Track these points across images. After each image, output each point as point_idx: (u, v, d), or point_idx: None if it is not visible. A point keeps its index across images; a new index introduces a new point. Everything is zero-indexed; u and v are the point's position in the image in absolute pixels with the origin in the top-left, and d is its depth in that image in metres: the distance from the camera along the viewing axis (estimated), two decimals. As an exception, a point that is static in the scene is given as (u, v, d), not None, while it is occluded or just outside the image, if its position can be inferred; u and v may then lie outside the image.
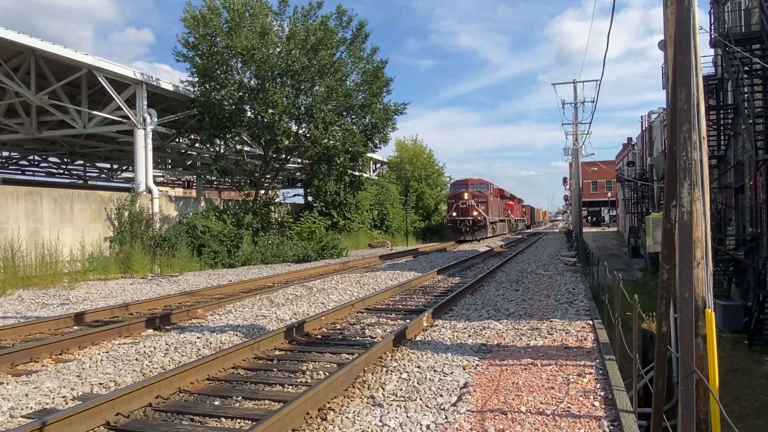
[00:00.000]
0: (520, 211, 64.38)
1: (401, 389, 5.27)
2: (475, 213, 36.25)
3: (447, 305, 9.95)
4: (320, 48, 22.28)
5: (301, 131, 24.66)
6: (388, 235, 36.92)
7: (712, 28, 16.35)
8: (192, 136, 26.40)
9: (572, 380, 5.40)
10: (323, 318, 8.55)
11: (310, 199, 32.35)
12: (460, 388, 5.27)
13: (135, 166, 20.60)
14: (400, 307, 10.30)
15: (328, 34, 22.50)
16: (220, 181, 39.89)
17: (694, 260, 4.31)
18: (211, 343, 7.26)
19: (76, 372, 6.00)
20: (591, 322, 8.21)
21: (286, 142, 24.06)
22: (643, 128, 41.15)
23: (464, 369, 5.92)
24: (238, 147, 26.46)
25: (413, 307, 10.16)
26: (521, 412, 4.60)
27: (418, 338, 7.57)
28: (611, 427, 4.24)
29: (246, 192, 28.69)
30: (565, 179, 65.50)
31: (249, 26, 21.27)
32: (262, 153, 25.76)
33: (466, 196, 36.73)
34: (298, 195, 38.64)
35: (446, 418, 4.50)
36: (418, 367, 6.04)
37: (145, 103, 20.47)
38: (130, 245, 17.59)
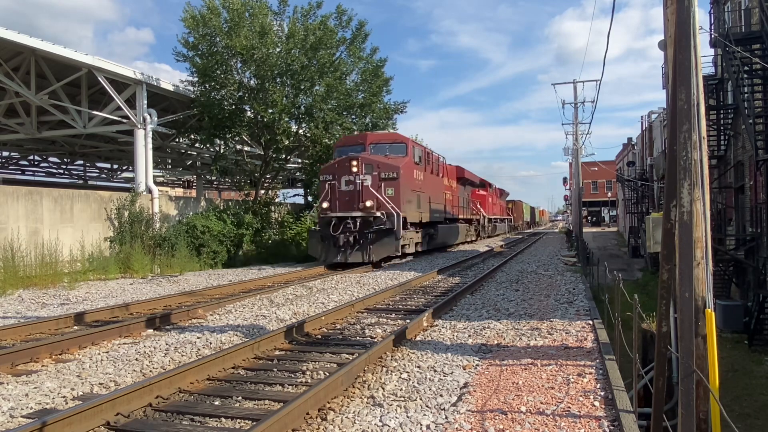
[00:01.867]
0: (501, 208, 47.11)
1: (401, 389, 5.27)
2: (368, 203, 17.40)
3: (447, 305, 9.95)
4: (320, 47, 22.30)
5: (301, 131, 24.69)
6: None
7: (712, 28, 16.37)
8: (192, 136, 26.41)
9: (572, 380, 5.40)
10: (323, 318, 8.55)
11: (310, 199, 32.35)
12: (460, 388, 5.27)
13: (135, 166, 20.62)
14: (400, 307, 10.30)
15: (328, 33, 22.52)
16: (220, 181, 39.90)
17: (694, 260, 4.31)
18: (211, 343, 7.26)
19: (76, 372, 6.00)
20: (591, 322, 8.21)
21: (286, 142, 24.08)
22: (643, 128, 41.17)
23: (464, 369, 5.92)
24: (238, 147, 26.48)
25: (413, 307, 10.16)
26: (521, 412, 4.60)
27: (418, 338, 7.56)
28: (611, 427, 4.24)
29: (246, 192, 28.69)
30: (565, 179, 65.49)
31: (249, 26, 21.29)
32: (262, 153, 25.77)
33: (354, 167, 17.89)
34: (298, 195, 38.50)
35: (446, 418, 4.50)
36: (418, 367, 6.04)
37: (145, 103, 20.49)
38: (130, 245, 17.60)
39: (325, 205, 18.16)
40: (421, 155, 21.33)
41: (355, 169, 17.95)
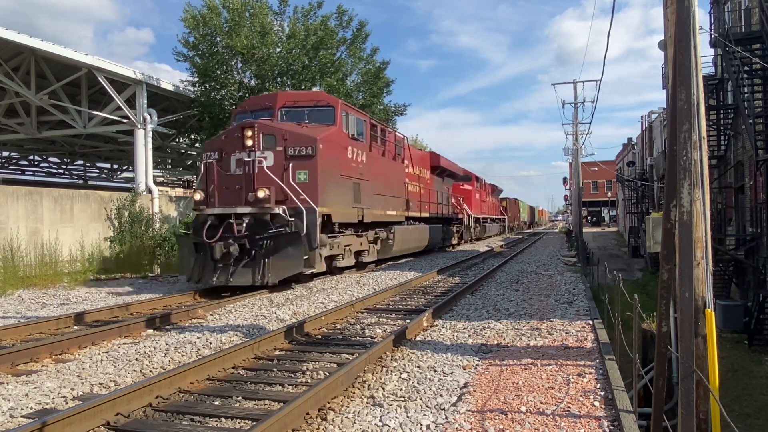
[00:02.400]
0: (492, 206, 41.74)
1: (401, 389, 5.27)
2: (261, 194, 11.42)
3: (447, 305, 9.95)
4: (320, 48, 22.30)
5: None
6: None
7: (712, 28, 16.37)
8: (192, 136, 26.43)
9: (572, 380, 5.40)
10: (323, 318, 8.55)
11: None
12: (460, 388, 5.27)
13: (135, 166, 20.64)
14: (400, 307, 10.30)
15: (329, 33, 22.53)
16: (220, 181, 39.87)
17: (694, 260, 4.31)
18: (211, 343, 7.26)
19: (76, 372, 6.00)
20: (591, 322, 8.21)
21: (286, 142, 24.05)
22: (643, 128, 41.21)
23: (464, 369, 5.92)
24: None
25: (413, 307, 10.15)
26: (521, 412, 4.60)
27: (418, 338, 7.56)
28: (611, 427, 4.24)
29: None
30: (565, 179, 65.52)
31: (249, 26, 21.30)
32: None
33: (248, 138, 11.78)
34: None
35: (446, 418, 4.50)
36: (418, 367, 6.04)
37: (145, 102, 20.51)
38: (130, 245, 17.61)
39: (197, 197, 12.06)
40: (364, 129, 15.02)
41: (249, 143, 11.79)
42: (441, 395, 5.08)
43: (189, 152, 30.43)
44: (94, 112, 20.71)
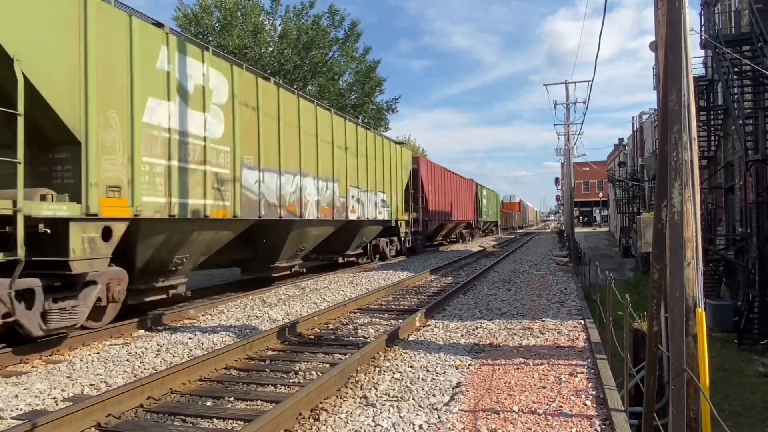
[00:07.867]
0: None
1: (394, 389, 5.27)
2: None
3: (440, 305, 9.96)
4: (312, 47, 22.27)
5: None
6: None
7: (703, 29, 16.48)
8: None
9: (564, 379, 5.42)
10: (316, 318, 8.54)
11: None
12: (453, 388, 5.28)
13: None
14: (393, 307, 10.30)
15: (321, 33, 22.51)
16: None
17: (684, 260, 4.34)
18: (203, 344, 7.23)
19: (67, 373, 5.96)
20: (583, 322, 8.25)
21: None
22: (635, 129, 41.43)
23: (457, 369, 5.93)
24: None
25: (406, 307, 10.16)
26: (513, 411, 4.61)
27: (410, 338, 7.57)
28: (603, 426, 4.26)
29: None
30: (557, 180, 65.65)
31: (241, 25, 21.25)
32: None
33: None
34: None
35: (439, 417, 4.51)
36: (411, 366, 6.04)
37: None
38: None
39: None
40: None
41: None
42: (434, 395, 5.08)
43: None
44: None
